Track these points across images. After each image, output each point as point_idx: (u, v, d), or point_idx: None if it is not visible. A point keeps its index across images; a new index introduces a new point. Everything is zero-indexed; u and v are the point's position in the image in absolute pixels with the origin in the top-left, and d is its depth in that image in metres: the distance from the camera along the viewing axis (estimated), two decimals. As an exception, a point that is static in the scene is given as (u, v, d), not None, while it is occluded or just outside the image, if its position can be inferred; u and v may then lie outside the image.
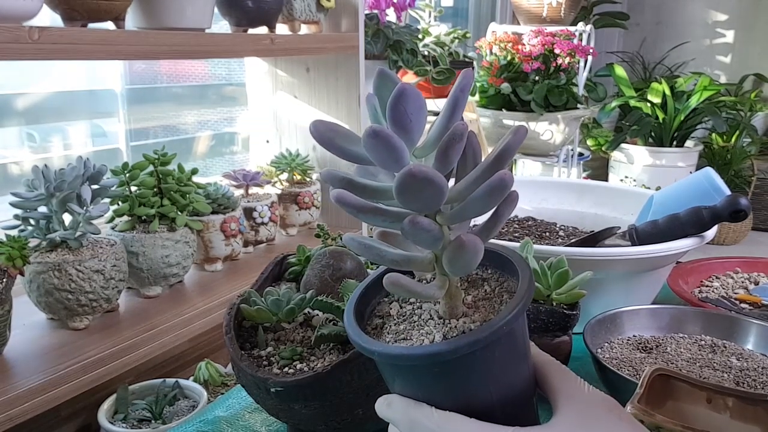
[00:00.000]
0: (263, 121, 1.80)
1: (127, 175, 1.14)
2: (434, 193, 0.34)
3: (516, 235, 0.99)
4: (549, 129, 2.60)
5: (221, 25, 1.47)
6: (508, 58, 2.62)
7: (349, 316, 0.41)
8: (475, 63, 2.31)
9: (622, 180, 3.54)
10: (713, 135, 3.63)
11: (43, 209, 1.02)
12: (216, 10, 1.32)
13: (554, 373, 0.40)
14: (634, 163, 3.49)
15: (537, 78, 2.58)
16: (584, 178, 3.52)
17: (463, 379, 0.37)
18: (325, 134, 0.37)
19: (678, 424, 0.45)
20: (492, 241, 0.41)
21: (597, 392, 0.39)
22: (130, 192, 1.14)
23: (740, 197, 0.76)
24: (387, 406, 0.40)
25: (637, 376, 0.62)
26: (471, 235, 0.36)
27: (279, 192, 1.54)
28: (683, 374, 0.54)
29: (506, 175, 0.34)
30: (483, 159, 0.38)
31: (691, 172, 2.09)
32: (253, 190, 1.49)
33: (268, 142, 1.79)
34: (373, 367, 0.44)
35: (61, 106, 1.54)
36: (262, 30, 1.41)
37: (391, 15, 1.88)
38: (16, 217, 1.01)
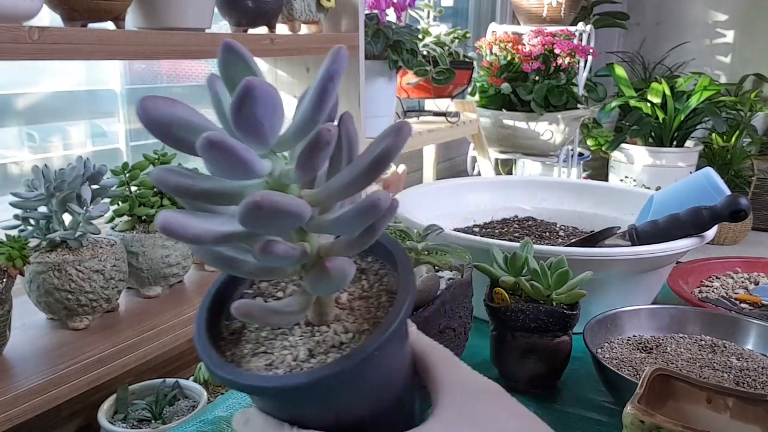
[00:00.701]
0: (263, 121, 1.79)
1: (127, 175, 1.14)
2: (289, 221, 0.28)
3: (516, 235, 0.99)
4: (549, 129, 2.60)
5: (221, 25, 1.47)
6: (508, 58, 2.62)
7: (199, 321, 0.34)
8: (475, 63, 2.31)
9: (622, 180, 3.54)
10: (713, 135, 3.63)
11: (43, 209, 1.01)
12: (216, 10, 1.32)
13: (434, 361, 0.37)
14: (634, 163, 3.49)
15: (537, 78, 2.58)
16: (584, 178, 3.52)
17: (328, 400, 0.32)
18: (159, 119, 0.27)
19: (678, 424, 0.45)
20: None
21: (480, 379, 0.36)
22: (130, 192, 1.14)
23: (740, 197, 0.76)
24: (244, 424, 0.34)
25: (637, 376, 0.62)
26: (337, 261, 0.30)
27: (279, 192, 1.54)
28: (683, 374, 0.54)
29: (379, 201, 0.28)
30: (361, 154, 0.31)
31: (691, 172, 2.09)
32: (253, 190, 1.49)
33: (268, 142, 1.79)
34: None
35: (61, 106, 1.54)
36: (262, 30, 1.41)
37: (391, 15, 1.87)
38: (16, 217, 1.01)
